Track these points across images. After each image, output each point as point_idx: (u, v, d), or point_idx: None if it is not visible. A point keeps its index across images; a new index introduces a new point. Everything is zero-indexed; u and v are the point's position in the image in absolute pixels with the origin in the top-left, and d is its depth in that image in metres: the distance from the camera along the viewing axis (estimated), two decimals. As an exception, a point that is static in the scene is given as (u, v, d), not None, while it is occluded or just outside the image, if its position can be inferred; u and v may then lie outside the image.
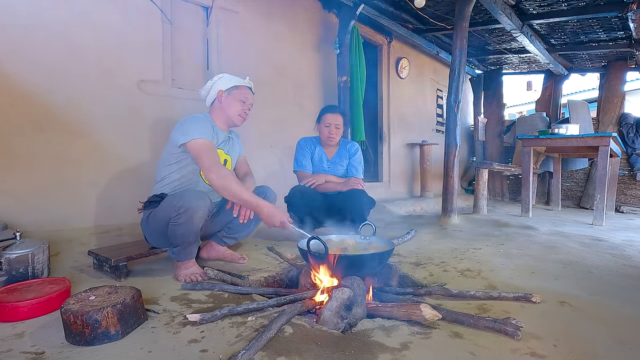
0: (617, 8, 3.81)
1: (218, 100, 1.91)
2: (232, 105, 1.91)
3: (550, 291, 1.59)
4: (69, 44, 2.22)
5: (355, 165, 2.63)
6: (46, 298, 1.36)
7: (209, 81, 1.94)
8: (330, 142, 2.57)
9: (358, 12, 3.79)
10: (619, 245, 2.59)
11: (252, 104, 2.00)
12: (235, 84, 1.92)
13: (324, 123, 2.55)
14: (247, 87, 1.97)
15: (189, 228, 1.66)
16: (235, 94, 1.91)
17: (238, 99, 1.91)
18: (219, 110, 1.92)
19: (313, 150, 2.62)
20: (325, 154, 2.63)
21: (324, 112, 2.59)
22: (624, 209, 5.25)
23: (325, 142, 2.59)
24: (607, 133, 3.62)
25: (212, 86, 1.92)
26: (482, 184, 4.15)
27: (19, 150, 2.06)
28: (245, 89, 1.95)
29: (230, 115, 1.92)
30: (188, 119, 1.82)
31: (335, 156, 2.65)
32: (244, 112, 1.94)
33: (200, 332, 1.20)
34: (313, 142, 2.65)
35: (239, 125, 1.98)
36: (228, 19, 3.09)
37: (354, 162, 2.64)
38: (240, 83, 1.94)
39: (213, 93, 1.92)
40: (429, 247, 2.49)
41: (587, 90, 9.81)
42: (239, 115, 1.94)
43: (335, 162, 2.63)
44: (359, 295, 1.36)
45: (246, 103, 1.94)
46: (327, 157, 2.63)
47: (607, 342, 1.17)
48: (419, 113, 5.88)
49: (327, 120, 2.53)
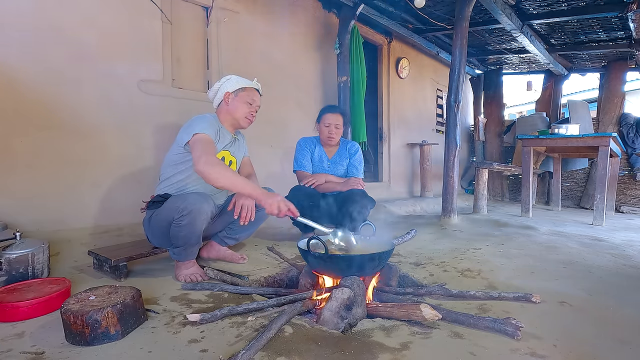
0: (617, 8, 3.81)
1: (225, 102, 1.90)
2: (238, 107, 1.89)
3: (550, 291, 1.59)
4: (69, 44, 2.22)
5: (356, 165, 2.63)
6: (46, 298, 1.36)
7: (216, 82, 1.93)
8: (330, 142, 2.56)
9: (358, 12, 3.79)
10: (619, 245, 2.59)
11: (260, 106, 1.98)
12: (243, 86, 1.90)
13: (323, 123, 2.54)
14: (255, 89, 1.95)
15: (192, 230, 1.66)
16: (242, 95, 1.90)
17: (245, 101, 1.90)
18: (225, 112, 1.91)
19: (313, 150, 2.62)
20: (326, 154, 2.63)
21: (323, 112, 2.59)
22: (624, 209, 5.25)
23: (325, 141, 2.59)
24: (607, 133, 3.62)
25: (219, 88, 1.91)
26: (482, 184, 4.15)
27: (20, 151, 2.06)
28: (252, 91, 1.93)
29: (236, 117, 1.91)
30: (196, 118, 1.81)
31: (335, 156, 2.65)
32: (250, 114, 1.93)
33: (200, 332, 1.20)
34: (313, 142, 2.65)
35: (246, 127, 1.97)
36: (228, 19, 3.09)
37: (354, 161, 2.64)
38: (248, 85, 1.92)
39: (220, 95, 1.91)
40: (429, 247, 2.49)
41: (587, 90, 9.82)
42: (246, 118, 1.92)
43: (335, 162, 2.63)
44: (359, 295, 1.36)
45: (253, 105, 1.93)
46: (327, 156, 2.63)
47: (607, 342, 1.17)
48: (419, 113, 5.88)
49: (327, 120, 2.53)
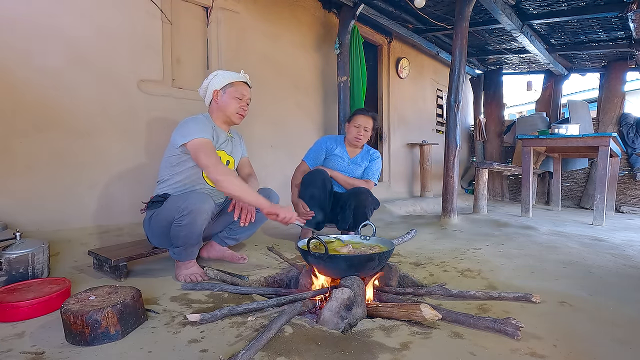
0: (617, 8, 3.81)
1: (214, 100, 1.88)
2: (228, 104, 1.86)
3: (550, 291, 1.59)
4: (69, 44, 2.22)
5: (374, 169, 2.65)
6: (46, 298, 1.36)
7: (205, 80, 1.91)
8: (357, 142, 2.57)
9: (358, 12, 3.79)
10: (619, 245, 2.59)
11: (250, 99, 1.94)
12: (230, 81, 1.86)
13: (354, 123, 2.56)
14: (243, 81, 1.91)
15: (192, 230, 1.66)
16: (231, 91, 1.86)
17: (234, 97, 1.87)
18: (216, 110, 1.90)
19: (333, 148, 2.62)
20: (347, 153, 2.64)
21: (356, 113, 2.61)
22: (624, 209, 5.25)
23: (351, 141, 2.59)
24: (607, 133, 3.62)
25: (207, 86, 1.89)
26: (482, 184, 4.15)
27: (19, 151, 2.06)
28: (240, 85, 1.89)
29: (227, 115, 1.89)
30: (188, 120, 1.80)
31: (356, 157, 2.66)
32: (241, 109, 1.90)
33: (200, 332, 1.20)
34: (335, 140, 2.66)
35: (238, 123, 1.95)
36: (228, 19, 3.09)
37: (373, 165, 2.66)
38: (235, 79, 1.87)
39: (209, 93, 1.89)
40: (429, 247, 2.49)
41: (587, 90, 9.81)
42: (237, 113, 1.89)
43: (355, 162, 2.65)
44: (359, 295, 1.36)
45: (243, 100, 1.90)
46: (348, 156, 2.64)
47: (607, 342, 1.17)
48: (419, 113, 5.88)
49: (358, 122, 2.54)
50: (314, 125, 4.03)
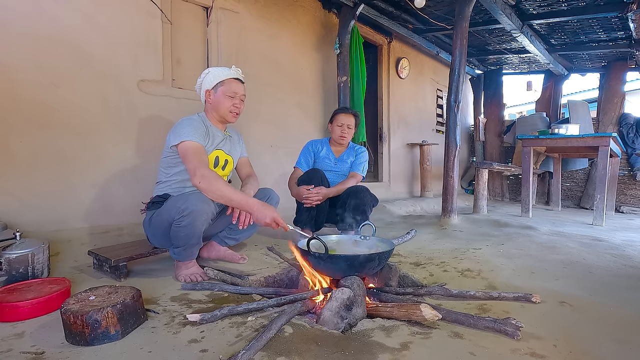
0: (617, 8, 3.81)
1: (207, 100, 1.87)
2: (221, 103, 1.84)
3: (550, 291, 1.59)
4: (69, 44, 2.22)
5: (359, 162, 2.68)
6: (46, 298, 1.36)
7: (198, 78, 1.89)
8: (343, 140, 2.63)
9: (358, 12, 3.79)
10: (619, 246, 2.59)
11: (245, 95, 1.91)
12: (220, 79, 1.82)
13: (336, 123, 2.62)
14: (234, 78, 1.87)
15: (192, 231, 1.66)
16: (222, 90, 1.84)
17: (226, 95, 1.84)
18: (210, 110, 1.89)
19: (320, 150, 2.69)
20: (333, 153, 2.70)
21: (336, 112, 2.67)
22: (624, 209, 5.25)
23: (337, 140, 2.65)
24: (607, 133, 3.62)
25: (200, 85, 1.88)
26: (482, 184, 4.15)
27: (19, 150, 2.06)
28: (231, 82, 1.85)
29: (221, 114, 1.87)
30: (182, 121, 1.79)
31: (342, 155, 2.72)
32: (234, 107, 1.87)
33: (200, 332, 1.20)
34: (321, 143, 2.73)
35: (233, 121, 1.93)
36: (228, 19, 3.09)
37: (358, 159, 2.69)
38: (225, 77, 1.83)
39: (203, 93, 1.88)
40: (429, 247, 2.49)
41: (587, 90, 9.83)
42: (230, 112, 1.87)
43: (342, 160, 2.70)
44: (359, 295, 1.36)
45: (235, 97, 1.86)
46: (334, 156, 2.70)
47: (607, 342, 1.17)
48: (419, 113, 5.88)
49: (340, 120, 2.60)
50: (313, 125, 4.03)
